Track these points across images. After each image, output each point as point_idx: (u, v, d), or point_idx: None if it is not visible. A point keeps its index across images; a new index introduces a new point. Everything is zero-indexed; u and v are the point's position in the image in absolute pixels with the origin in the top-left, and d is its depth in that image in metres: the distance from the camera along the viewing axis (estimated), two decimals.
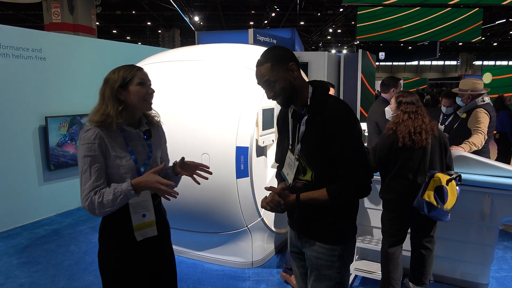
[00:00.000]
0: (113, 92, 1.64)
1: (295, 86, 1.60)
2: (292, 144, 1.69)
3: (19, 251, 3.84)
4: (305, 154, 1.62)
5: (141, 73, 1.72)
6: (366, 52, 7.23)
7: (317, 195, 1.57)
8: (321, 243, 1.65)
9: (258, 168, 3.23)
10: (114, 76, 1.66)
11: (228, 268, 3.41)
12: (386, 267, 2.72)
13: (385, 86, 3.98)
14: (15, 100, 4.45)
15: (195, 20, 18.05)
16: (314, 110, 1.58)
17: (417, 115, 2.61)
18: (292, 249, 1.88)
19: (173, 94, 3.30)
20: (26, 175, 4.61)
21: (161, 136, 1.94)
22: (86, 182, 1.57)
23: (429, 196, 2.50)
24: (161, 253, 1.85)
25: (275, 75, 1.58)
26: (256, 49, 3.91)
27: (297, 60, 1.62)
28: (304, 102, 1.62)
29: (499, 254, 3.65)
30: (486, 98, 3.68)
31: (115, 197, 1.55)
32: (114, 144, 1.64)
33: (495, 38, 27.16)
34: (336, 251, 1.64)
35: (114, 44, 6.14)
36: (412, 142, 2.55)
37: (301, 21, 21.71)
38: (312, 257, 1.69)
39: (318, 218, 1.65)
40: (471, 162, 2.91)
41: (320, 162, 1.59)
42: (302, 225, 1.72)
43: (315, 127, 1.57)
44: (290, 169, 1.71)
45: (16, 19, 18.46)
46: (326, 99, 1.59)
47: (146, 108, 1.77)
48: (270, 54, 1.62)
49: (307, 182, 1.65)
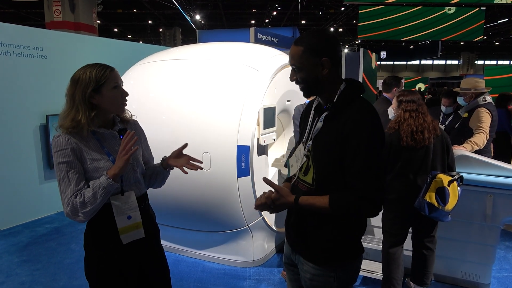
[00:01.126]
0: (85, 96, 1.53)
1: (320, 81, 1.44)
2: (307, 138, 1.54)
3: (20, 249, 3.84)
4: (314, 152, 1.47)
5: (115, 75, 1.61)
6: (368, 51, 7.22)
7: (317, 201, 1.41)
8: (314, 264, 1.50)
9: (259, 167, 3.22)
10: (85, 77, 1.54)
11: (228, 267, 3.40)
12: (387, 267, 2.71)
13: (387, 86, 3.99)
14: (16, 98, 4.46)
15: (196, 18, 18.03)
16: (338, 109, 1.43)
17: (418, 113, 2.59)
18: (286, 260, 1.75)
19: (174, 92, 3.29)
20: (27, 173, 4.61)
21: (140, 133, 1.84)
22: (66, 189, 1.51)
23: (431, 197, 2.49)
24: (150, 256, 1.78)
25: (302, 63, 1.43)
26: (258, 48, 3.90)
27: (334, 55, 1.44)
28: (331, 97, 1.46)
29: (501, 254, 3.64)
30: (488, 98, 3.67)
31: (94, 192, 1.49)
32: (88, 148, 1.57)
33: (497, 38, 27.10)
34: (332, 272, 1.48)
35: (115, 43, 6.14)
36: (414, 141, 2.53)
37: (303, 20, 21.67)
38: (306, 278, 1.54)
39: (314, 234, 1.49)
40: (473, 161, 2.90)
41: (325, 165, 1.44)
42: (295, 240, 1.59)
43: (333, 127, 1.41)
44: (296, 162, 1.59)
45: (17, 18, 18.45)
46: (354, 99, 1.43)
47: (121, 111, 1.69)
48: (307, 40, 1.43)
49: (309, 186, 1.50)
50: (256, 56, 3.46)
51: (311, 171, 1.49)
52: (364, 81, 6.97)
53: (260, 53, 3.57)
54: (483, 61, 37.16)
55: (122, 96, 1.63)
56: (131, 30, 26.17)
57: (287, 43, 7.91)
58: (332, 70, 1.44)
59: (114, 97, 1.59)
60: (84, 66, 1.59)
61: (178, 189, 3.12)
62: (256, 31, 6.46)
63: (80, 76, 1.55)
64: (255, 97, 3.12)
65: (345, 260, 1.50)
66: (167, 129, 3.16)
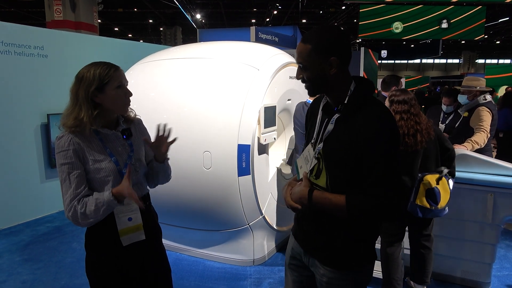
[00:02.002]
0: (88, 95, 1.52)
1: (328, 81, 1.39)
2: (316, 139, 1.49)
3: (21, 248, 3.85)
4: (326, 156, 1.43)
5: (120, 74, 1.59)
6: (368, 50, 7.21)
7: (333, 198, 1.37)
8: (333, 268, 1.48)
9: (260, 166, 3.22)
10: (89, 75, 1.53)
11: (229, 265, 3.41)
12: (386, 268, 2.68)
13: (386, 84, 4.02)
14: (17, 97, 4.46)
15: (197, 18, 18.03)
16: (350, 111, 1.37)
17: (409, 115, 2.43)
18: (292, 261, 1.66)
19: (174, 91, 3.30)
20: (28, 172, 4.62)
21: (143, 132, 1.82)
22: (67, 191, 1.52)
23: (421, 201, 2.46)
24: (152, 257, 1.77)
25: (309, 61, 1.37)
26: (258, 47, 3.90)
27: (344, 55, 1.37)
28: (341, 98, 1.40)
29: (501, 253, 3.64)
30: (488, 97, 3.67)
31: (97, 208, 1.50)
32: (91, 148, 1.56)
33: (498, 36, 27.06)
34: (350, 275, 1.48)
35: (116, 42, 6.14)
36: (405, 145, 2.39)
37: (303, 19, 21.64)
38: (323, 282, 1.52)
39: (332, 239, 1.46)
40: (474, 160, 2.90)
41: (341, 169, 1.39)
42: (311, 243, 1.54)
43: (347, 130, 1.36)
44: (305, 164, 1.53)
45: (18, 17, 18.45)
46: (367, 101, 1.38)
47: (123, 111, 1.67)
48: (316, 38, 1.37)
49: (323, 189, 1.45)
50: (256, 55, 3.46)
51: (324, 174, 1.45)
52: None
53: (261, 52, 3.57)
54: (484, 60, 37.12)
55: (126, 96, 1.62)
56: (132, 29, 26.16)
57: (288, 42, 7.92)
58: (341, 70, 1.38)
59: (118, 96, 1.58)
60: (89, 64, 1.58)
61: (178, 188, 3.12)
62: (256, 30, 6.46)
63: (84, 74, 1.55)
64: (256, 96, 3.12)
65: (363, 264, 1.50)
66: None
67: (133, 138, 1.71)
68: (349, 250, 1.46)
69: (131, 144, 1.70)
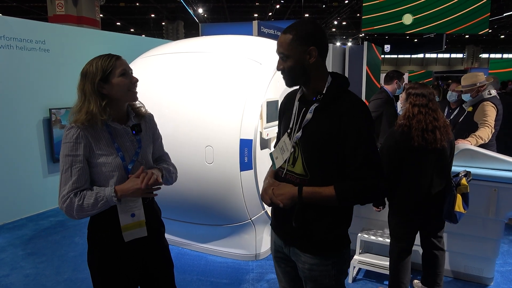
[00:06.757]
0: (94, 87, 1.53)
1: (307, 71, 1.46)
2: (292, 128, 1.55)
3: (24, 242, 3.87)
4: (304, 144, 1.49)
5: (122, 62, 1.60)
6: (372, 45, 7.16)
7: (323, 191, 1.42)
8: (312, 255, 1.54)
9: (262, 161, 3.21)
10: (92, 68, 1.54)
11: (231, 260, 3.41)
12: (395, 272, 2.59)
13: (389, 78, 4.20)
14: (19, 92, 4.46)
15: (199, 12, 17.96)
16: (328, 101, 1.46)
17: (427, 109, 2.33)
18: (276, 254, 1.72)
19: (177, 86, 3.29)
20: (31, 167, 4.64)
21: (153, 129, 1.83)
22: (67, 182, 1.51)
23: (459, 206, 2.40)
24: (154, 252, 1.77)
25: (290, 50, 1.44)
26: (261, 41, 3.88)
27: (321, 46, 1.46)
28: (318, 89, 1.49)
29: (504, 248, 3.63)
30: (493, 91, 3.64)
31: (96, 202, 1.50)
32: (99, 142, 1.56)
33: (502, 31, 26.83)
34: (330, 260, 1.54)
35: (118, 36, 6.12)
36: (425, 141, 2.29)
37: (306, 13, 21.51)
38: (305, 269, 1.57)
39: (313, 226, 1.51)
40: (478, 155, 2.88)
41: (318, 154, 1.46)
42: (290, 233, 1.58)
43: (326, 119, 1.44)
44: (281, 154, 1.59)
45: (20, 11, 18.45)
46: (344, 93, 1.48)
47: (132, 99, 1.66)
48: (296, 28, 1.46)
49: (301, 176, 1.51)
50: (259, 50, 3.44)
51: (299, 162, 1.51)
52: (367, 74, 6.93)
53: (263, 47, 3.54)
54: (488, 55, 36.83)
55: (132, 82, 1.62)
56: (134, 24, 26.11)
57: None
58: (319, 60, 1.47)
59: (123, 83, 1.57)
60: (91, 59, 1.59)
61: (181, 183, 3.10)
62: (259, 25, 6.41)
63: (87, 69, 1.56)
64: (258, 91, 3.11)
65: (341, 249, 1.57)
66: (169, 123, 3.16)
67: (142, 134, 1.72)
68: (327, 236, 1.53)
69: (140, 140, 1.69)
